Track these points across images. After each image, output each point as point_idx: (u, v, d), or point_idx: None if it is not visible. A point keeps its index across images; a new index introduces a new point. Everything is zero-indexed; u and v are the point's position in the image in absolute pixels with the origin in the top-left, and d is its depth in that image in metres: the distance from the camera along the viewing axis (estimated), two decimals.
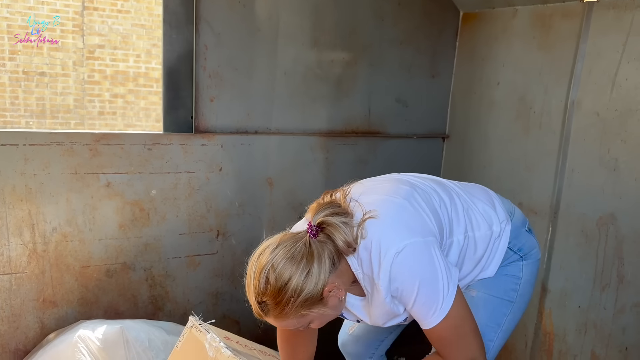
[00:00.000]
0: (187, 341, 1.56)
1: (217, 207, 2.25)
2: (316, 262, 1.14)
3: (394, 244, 1.17)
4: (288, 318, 1.16)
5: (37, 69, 5.83)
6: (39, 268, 1.98)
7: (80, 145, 1.97)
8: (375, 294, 1.22)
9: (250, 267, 1.20)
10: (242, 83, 2.18)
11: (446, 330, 1.22)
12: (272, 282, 1.13)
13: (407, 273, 1.17)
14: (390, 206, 1.24)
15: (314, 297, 1.14)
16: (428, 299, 1.19)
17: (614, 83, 1.89)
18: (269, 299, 1.14)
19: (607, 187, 1.91)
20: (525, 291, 1.44)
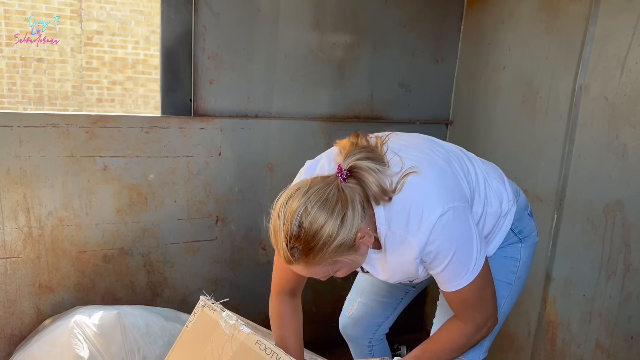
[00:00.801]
0: (198, 320, 1.52)
1: (217, 193, 2.21)
2: (350, 207, 1.09)
3: (438, 206, 1.13)
4: (319, 264, 1.11)
5: (34, 55, 5.77)
6: (35, 253, 1.95)
7: (77, 127, 1.92)
8: (403, 252, 1.18)
9: (277, 212, 1.11)
10: (242, 65, 2.13)
11: (471, 292, 1.21)
12: (306, 226, 1.06)
13: (447, 237, 1.14)
14: (433, 166, 1.20)
15: (348, 243, 1.10)
16: (460, 263, 1.17)
17: (623, 67, 1.84)
18: (302, 244, 1.08)
19: (615, 173, 1.87)
20: (522, 273, 1.45)
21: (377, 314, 1.68)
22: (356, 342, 1.75)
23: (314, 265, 1.11)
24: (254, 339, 1.33)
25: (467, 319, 1.26)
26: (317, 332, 2.54)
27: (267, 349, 1.28)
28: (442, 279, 1.21)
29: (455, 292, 1.21)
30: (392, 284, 1.61)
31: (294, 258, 1.09)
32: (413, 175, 1.15)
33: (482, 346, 1.43)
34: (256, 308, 2.41)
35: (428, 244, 1.14)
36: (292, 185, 1.15)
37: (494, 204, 1.33)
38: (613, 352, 1.89)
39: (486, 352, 1.45)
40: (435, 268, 1.18)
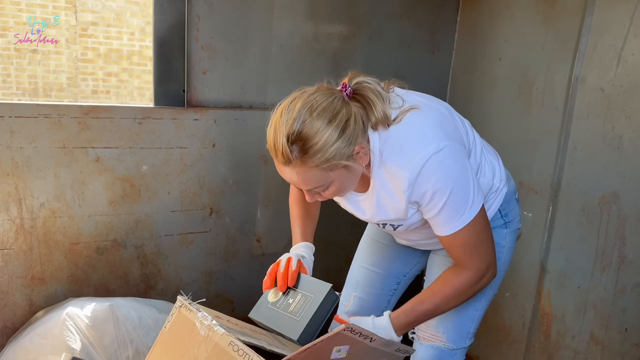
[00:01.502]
0: (176, 321, 1.51)
1: (211, 184, 2.20)
2: (353, 118, 1.10)
3: (434, 141, 1.12)
4: (315, 168, 1.10)
5: (29, 46, 5.72)
6: (27, 244, 1.93)
7: (68, 118, 1.90)
8: (393, 185, 1.17)
9: (280, 111, 1.12)
10: (235, 55, 2.12)
11: (471, 235, 1.19)
12: (309, 123, 1.07)
13: (443, 174, 1.13)
14: (433, 109, 1.21)
15: (346, 151, 1.10)
16: (458, 202, 1.16)
17: (619, 58, 1.83)
18: (303, 141, 1.07)
19: (610, 165, 1.86)
20: (506, 259, 1.45)
21: (373, 306, 1.68)
22: None
23: (310, 169, 1.10)
24: (228, 339, 1.32)
25: (469, 265, 1.23)
26: None
27: (240, 350, 1.27)
28: (440, 221, 1.19)
29: (454, 234, 1.19)
30: (382, 274, 1.61)
31: (292, 156, 1.08)
32: (414, 111, 1.16)
33: (468, 332, 1.44)
34: (251, 300, 2.39)
35: (421, 180, 1.13)
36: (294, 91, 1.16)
37: (487, 175, 1.33)
38: (607, 344, 1.90)
39: (472, 338, 1.46)
40: (432, 210, 1.17)
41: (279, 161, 1.13)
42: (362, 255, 1.66)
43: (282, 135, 1.08)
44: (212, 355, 1.33)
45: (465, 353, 1.48)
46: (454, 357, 1.44)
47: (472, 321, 1.44)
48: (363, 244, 1.67)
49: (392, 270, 1.61)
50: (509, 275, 2.26)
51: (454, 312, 1.41)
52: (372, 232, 1.65)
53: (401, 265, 1.61)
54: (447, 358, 1.44)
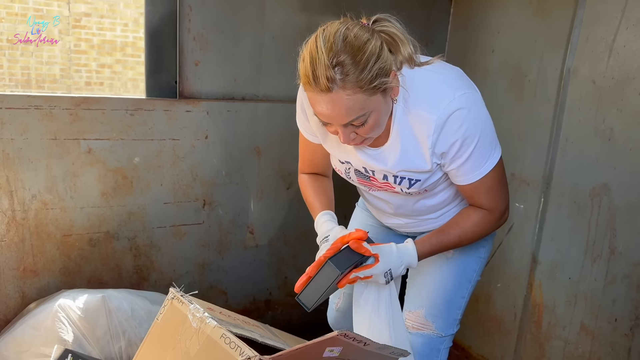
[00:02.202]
0: (168, 313, 1.51)
1: (203, 176, 2.19)
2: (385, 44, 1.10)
3: (462, 88, 1.15)
4: (359, 90, 1.06)
5: (21, 37, 5.67)
6: (19, 236, 1.93)
7: (60, 109, 1.89)
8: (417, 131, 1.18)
9: (315, 38, 1.08)
10: (228, 47, 2.11)
11: (495, 177, 1.24)
12: (351, 39, 1.05)
13: (472, 122, 1.15)
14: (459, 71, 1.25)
15: (387, 68, 1.09)
16: (484, 149, 1.19)
17: (611, 50, 1.83)
18: (347, 57, 1.04)
19: (602, 157, 1.87)
20: (489, 246, 1.49)
21: None
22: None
23: (353, 92, 1.06)
24: (220, 332, 1.32)
25: (491, 207, 1.29)
26: (305, 315, 2.54)
27: (232, 342, 1.27)
28: (466, 170, 1.21)
29: (480, 181, 1.23)
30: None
31: (336, 77, 1.04)
32: (439, 61, 1.19)
33: (455, 319, 1.46)
34: (244, 292, 2.41)
35: (448, 125, 1.13)
36: None
37: None
38: (597, 334, 1.91)
39: (459, 324, 1.48)
40: (459, 159, 1.19)
41: (319, 89, 1.07)
42: None
43: (324, 57, 1.04)
44: (204, 348, 1.34)
45: (453, 339, 1.50)
46: (442, 343, 1.46)
47: (459, 308, 1.46)
48: None
49: None
50: (500, 266, 2.27)
51: (443, 301, 1.43)
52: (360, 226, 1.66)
53: None
54: (436, 345, 1.46)
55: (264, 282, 2.44)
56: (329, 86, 1.05)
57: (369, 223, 1.63)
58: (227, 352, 1.26)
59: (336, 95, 1.07)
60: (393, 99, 1.16)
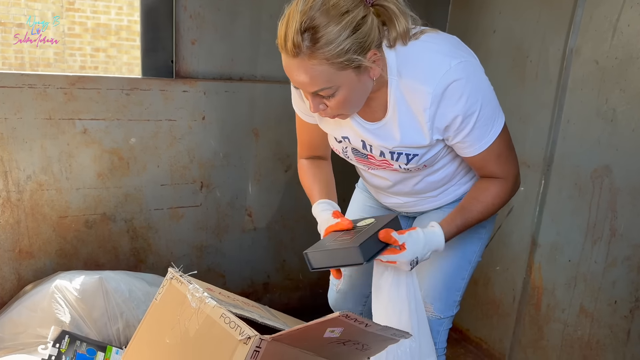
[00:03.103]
0: (166, 293, 1.50)
1: (201, 158, 2.17)
2: (370, 20, 1.05)
3: (457, 56, 1.10)
4: (324, 62, 1.03)
5: (14, 20, 5.60)
6: (14, 218, 1.90)
7: (54, 88, 1.86)
8: (414, 104, 1.14)
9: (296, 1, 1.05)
10: (225, 25, 2.07)
11: (503, 143, 1.21)
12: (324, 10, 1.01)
13: (472, 91, 1.11)
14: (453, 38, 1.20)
15: (359, 50, 1.04)
16: (488, 116, 1.16)
17: (615, 29, 1.80)
18: (315, 29, 1.01)
19: (604, 139, 1.85)
20: (489, 227, 1.46)
21: (363, 284, 1.66)
22: None
23: (319, 62, 1.03)
24: (219, 312, 1.31)
25: (504, 174, 1.26)
26: (303, 299, 2.54)
27: (232, 322, 1.26)
28: (472, 140, 1.18)
29: (488, 149, 1.20)
30: None
31: (302, 45, 1.02)
32: (432, 31, 1.15)
33: (454, 301, 1.45)
34: (242, 274, 2.40)
35: (446, 97, 1.10)
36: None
37: None
38: (597, 317, 1.91)
39: (458, 306, 1.47)
40: (463, 131, 1.16)
41: (287, 53, 1.05)
42: None
43: (295, 22, 1.01)
44: (203, 328, 1.32)
45: (452, 321, 1.49)
46: (441, 325, 1.45)
47: (458, 290, 1.45)
48: None
49: None
50: (499, 249, 2.26)
51: (442, 283, 1.41)
52: (358, 209, 1.64)
53: None
54: (435, 327, 1.44)
55: (262, 265, 2.43)
56: (295, 51, 1.03)
57: (367, 204, 1.61)
58: (227, 331, 1.25)
59: (302, 62, 1.04)
60: (373, 78, 1.12)
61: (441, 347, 1.47)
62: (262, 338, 1.18)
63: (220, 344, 1.24)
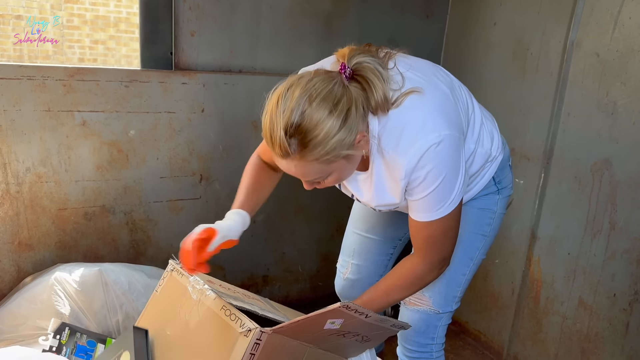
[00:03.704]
0: (167, 285, 1.50)
1: (200, 150, 2.16)
2: (354, 106, 1.04)
3: (435, 130, 1.09)
4: (315, 161, 1.05)
5: (13, 12, 5.57)
6: (13, 210, 1.90)
7: (53, 80, 1.85)
8: (390, 171, 1.15)
9: (276, 100, 1.04)
10: (224, 17, 2.06)
11: (440, 228, 1.19)
12: (309, 114, 1.00)
13: (438, 164, 1.10)
14: (436, 90, 1.16)
15: (347, 142, 1.05)
16: (442, 194, 1.14)
17: (616, 22, 1.80)
18: (302, 134, 1.01)
19: (604, 132, 1.85)
20: (496, 225, 1.44)
21: (371, 272, 1.67)
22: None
23: (309, 162, 1.05)
24: (220, 304, 1.31)
25: (424, 256, 1.24)
26: (302, 291, 2.55)
27: (232, 314, 1.26)
28: (419, 207, 1.18)
29: (426, 223, 1.19)
30: (378, 240, 1.60)
31: (290, 149, 1.03)
32: (415, 94, 1.11)
33: (454, 297, 1.44)
34: (241, 267, 2.40)
35: (417, 168, 1.10)
36: (293, 75, 1.09)
37: (485, 145, 1.31)
38: (596, 309, 1.91)
39: (458, 302, 1.46)
40: (417, 194, 1.15)
41: (275, 153, 1.06)
42: (356, 222, 1.64)
43: (280, 128, 1.01)
44: (204, 320, 1.32)
45: (452, 316, 1.48)
46: (440, 320, 1.44)
47: (458, 285, 1.43)
48: (355, 211, 1.65)
49: (387, 235, 1.60)
50: (498, 242, 2.26)
51: (441, 276, 1.41)
52: (360, 215, 1.64)
53: (396, 230, 1.60)
54: (434, 322, 1.44)
55: (262, 258, 2.43)
56: (283, 154, 1.04)
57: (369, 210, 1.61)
58: (227, 323, 1.25)
59: (291, 162, 1.06)
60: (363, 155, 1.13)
61: (439, 342, 1.47)
62: (263, 330, 1.18)
63: (221, 336, 1.25)
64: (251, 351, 1.18)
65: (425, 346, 1.46)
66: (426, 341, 1.45)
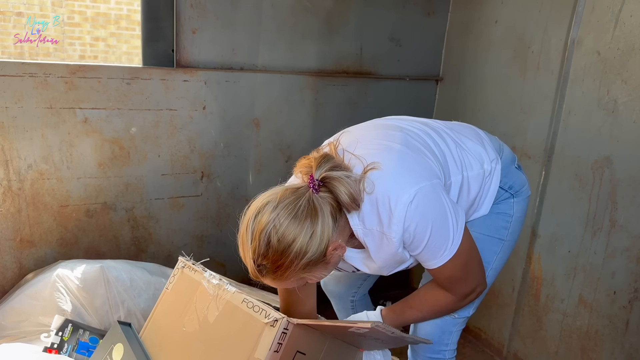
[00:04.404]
0: (178, 282, 1.50)
1: (201, 148, 2.17)
2: (320, 220, 1.07)
3: (404, 193, 1.10)
4: (288, 279, 1.10)
5: (13, 9, 5.57)
6: (15, 206, 1.91)
7: (55, 77, 1.85)
8: (384, 246, 1.17)
9: (245, 226, 1.09)
10: (226, 14, 2.06)
11: (455, 268, 1.21)
12: (274, 244, 1.04)
13: (421, 219, 1.12)
14: (390, 154, 1.17)
15: (318, 257, 1.08)
16: (439, 241, 1.16)
17: (617, 20, 1.80)
18: (269, 262, 1.06)
19: (605, 130, 1.85)
20: (515, 228, 1.41)
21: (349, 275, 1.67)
22: (339, 297, 1.74)
23: (282, 281, 1.10)
24: (241, 297, 1.32)
25: (454, 292, 1.27)
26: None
27: (255, 306, 1.27)
28: (424, 258, 1.20)
29: (439, 268, 1.20)
30: None
31: (261, 274, 1.08)
32: (373, 171, 1.13)
33: (473, 303, 1.41)
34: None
35: (405, 231, 1.12)
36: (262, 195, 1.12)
37: (474, 167, 1.30)
38: (596, 307, 1.92)
39: (475, 309, 1.44)
40: (415, 250, 1.18)
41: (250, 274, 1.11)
42: None
43: (249, 258, 1.07)
44: (224, 313, 1.33)
45: (467, 322, 1.46)
46: (455, 326, 1.43)
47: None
48: None
49: None
50: None
51: None
52: None
53: None
54: (449, 327, 1.42)
55: None
56: (256, 277, 1.09)
57: None
58: (251, 315, 1.25)
59: (267, 281, 1.11)
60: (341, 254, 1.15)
61: (452, 348, 1.46)
62: (290, 321, 1.20)
63: (245, 328, 1.25)
64: (279, 341, 1.20)
65: (439, 352, 1.44)
66: (440, 347, 1.44)
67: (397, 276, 2.29)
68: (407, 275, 2.84)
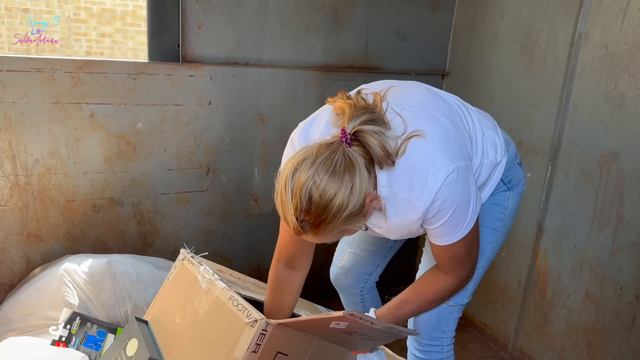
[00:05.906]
0: (178, 274, 1.52)
1: (207, 143, 2.17)
2: (357, 173, 1.06)
3: (443, 168, 1.11)
4: (329, 234, 1.10)
5: (20, 5, 5.59)
6: (22, 201, 1.92)
7: (61, 72, 1.86)
8: (406, 214, 1.17)
9: (283, 183, 1.07)
10: (231, 9, 2.06)
11: (461, 248, 1.24)
12: (316, 199, 1.03)
13: (450, 196, 1.13)
14: (436, 126, 1.17)
15: (357, 210, 1.07)
16: (458, 220, 1.18)
17: (625, 14, 1.78)
18: (312, 217, 1.05)
19: (612, 124, 1.84)
20: (508, 220, 1.45)
21: (367, 263, 1.69)
22: (347, 291, 1.75)
23: (324, 235, 1.10)
24: (228, 294, 1.32)
25: (452, 274, 1.29)
26: (308, 284, 2.55)
27: (239, 305, 1.27)
28: (438, 234, 1.22)
29: (447, 246, 1.23)
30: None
31: (304, 230, 1.08)
32: (416, 139, 1.12)
33: (466, 290, 1.44)
34: (248, 259, 2.41)
35: (432, 203, 1.13)
36: (296, 153, 1.10)
37: (490, 155, 1.32)
38: (602, 302, 1.91)
39: (470, 296, 1.46)
40: (433, 224, 1.19)
41: (292, 231, 1.10)
42: None
43: (290, 215, 1.06)
44: (212, 309, 1.34)
45: (463, 310, 1.48)
46: (451, 313, 1.45)
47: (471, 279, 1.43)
48: None
49: None
50: None
51: None
52: None
53: None
54: (445, 315, 1.44)
55: (269, 250, 2.42)
56: (298, 233, 1.09)
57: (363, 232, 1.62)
58: (234, 313, 1.26)
59: (308, 236, 1.10)
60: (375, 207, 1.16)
61: (450, 336, 1.48)
62: (269, 322, 1.20)
63: (228, 326, 1.26)
64: (257, 341, 1.20)
65: (437, 339, 1.46)
66: (437, 334, 1.46)
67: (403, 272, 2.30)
68: (412, 272, 2.84)
